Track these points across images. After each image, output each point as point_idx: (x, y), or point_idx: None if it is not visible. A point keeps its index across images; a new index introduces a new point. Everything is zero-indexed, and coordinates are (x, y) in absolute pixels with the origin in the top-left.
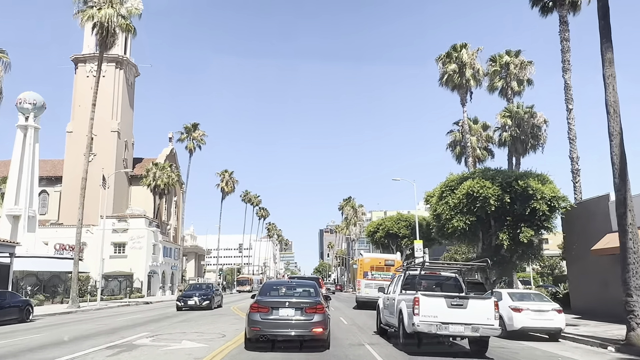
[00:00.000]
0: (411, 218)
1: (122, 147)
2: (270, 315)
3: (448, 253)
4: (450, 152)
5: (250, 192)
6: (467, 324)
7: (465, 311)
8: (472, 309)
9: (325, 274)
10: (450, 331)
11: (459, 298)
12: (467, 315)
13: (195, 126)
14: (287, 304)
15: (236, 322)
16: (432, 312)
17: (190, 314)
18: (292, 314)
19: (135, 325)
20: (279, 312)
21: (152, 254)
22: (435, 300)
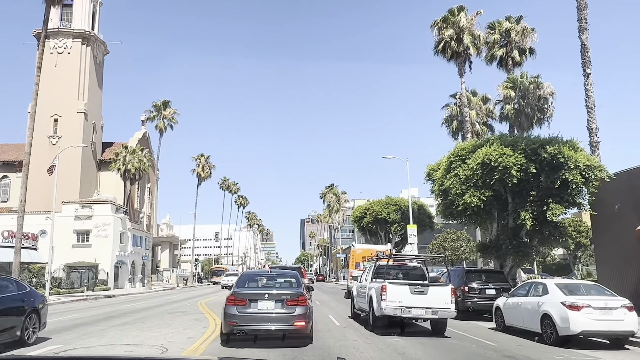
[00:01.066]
0: (401, 202)
1: (90, 130)
2: (248, 309)
3: (436, 241)
4: (445, 129)
5: (229, 179)
6: (427, 308)
7: (426, 297)
8: (432, 294)
9: (307, 263)
10: (413, 314)
11: (420, 285)
12: (427, 300)
13: (166, 104)
14: (266, 296)
15: (194, 324)
16: (397, 298)
17: (145, 312)
18: (272, 306)
19: (60, 329)
20: (257, 305)
21: (119, 243)
22: (400, 287)
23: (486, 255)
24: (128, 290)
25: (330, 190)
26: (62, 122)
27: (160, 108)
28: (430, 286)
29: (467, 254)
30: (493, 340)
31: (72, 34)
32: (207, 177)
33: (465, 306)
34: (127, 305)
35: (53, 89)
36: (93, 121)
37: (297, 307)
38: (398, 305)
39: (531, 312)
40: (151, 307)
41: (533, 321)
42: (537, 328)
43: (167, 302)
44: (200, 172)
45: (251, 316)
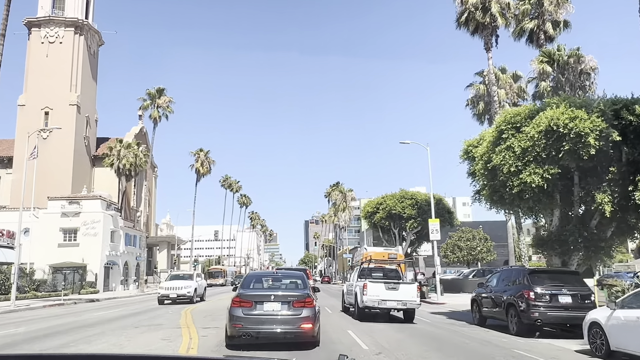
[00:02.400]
0: (418, 195)
1: (83, 123)
2: (253, 311)
3: (451, 240)
4: (470, 111)
5: (231, 177)
6: (398, 301)
7: (397, 292)
8: (402, 290)
9: (311, 265)
10: (387, 305)
11: (393, 283)
12: (398, 295)
13: (161, 91)
14: (272, 298)
15: (160, 347)
16: (375, 293)
17: (105, 326)
18: (278, 308)
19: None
20: (263, 307)
21: (110, 242)
22: (377, 285)
23: (545, 252)
24: (118, 293)
25: (336, 188)
26: (54, 115)
27: (154, 96)
28: (401, 284)
29: (484, 254)
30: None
31: (64, 22)
32: (207, 173)
33: (530, 319)
34: (95, 314)
35: (44, 80)
36: (87, 114)
37: (304, 309)
38: (376, 298)
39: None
40: (123, 316)
41: None
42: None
43: (147, 309)
44: (200, 168)
45: (257, 318)
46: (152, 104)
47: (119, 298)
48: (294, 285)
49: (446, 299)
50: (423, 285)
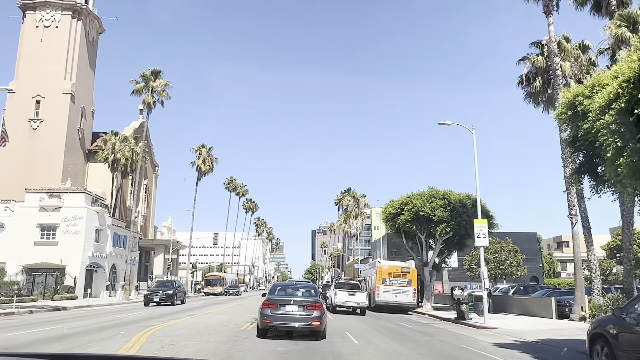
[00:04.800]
0: (451, 195)
1: (78, 114)
2: (278, 311)
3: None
4: (522, 91)
5: (236, 179)
6: (355, 302)
7: (354, 297)
8: (357, 296)
9: (318, 275)
10: (348, 305)
11: (352, 291)
12: (355, 299)
13: (156, 74)
14: (292, 302)
15: None
16: (342, 297)
17: None
18: (296, 310)
19: None
20: (285, 308)
21: (94, 242)
22: (344, 292)
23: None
24: (100, 300)
25: (348, 194)
26: (45, 103)
27: (148, 79)
28: (357, 292)
29: (513, 268)
30: None
31: (61, 5)
32: (209, 171)
33: None
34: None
35: (37, 66)
36: (82, 105)
37: (315, 310)
38: (341, 301)
39: None
40: (46, 339)
41: None
42: None
43: (103, 326)
44: (201, 165)
45: (280, 316)
46: (145, 87)
47: (94, 307)
48: (308, 294)
49: (495, 322)
50: (462, 304)
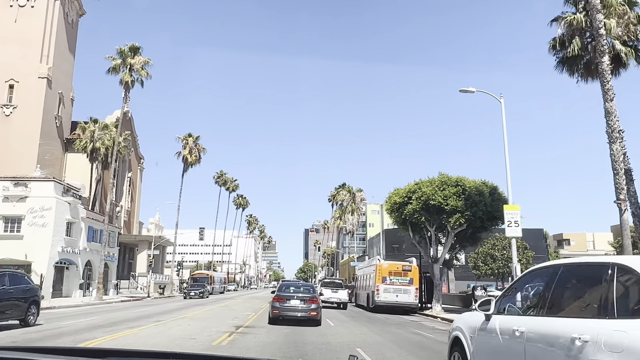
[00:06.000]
0: (465, 182)
1: (55, 101)
2: (285, 304)
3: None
4: (554, 58)
5: (226, 173)
6: (337, 298)
7: (337, 294)
8: (339, 293)
9: (311, 274)
10: (332, 301)
11: (335, 289)
12: (337, 295)
13: (135, 50)
14: (295, 297)
15: None
16: (327, 294)
17: None
18: (299, 303)
19: None
20: (290, 302)
21: (65, 236)
22: (328, 290)
23: None
24: (68, 301)
25: (343, 188)
26: (19, 88)
27: (126, 55)
28: (339, 290)
29: (522, 266)
30: None
31: None
32: (196, 162)
33: None
34: None
35: (10, 48)
36: (60, 91)
37: (313, 304)
38: (326, 298)
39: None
40: None
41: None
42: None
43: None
44: (187, 156)
45: (287, 307)
46: (123, 64)
47: (54, 309)
48: (307, 291)
49: None
50: None
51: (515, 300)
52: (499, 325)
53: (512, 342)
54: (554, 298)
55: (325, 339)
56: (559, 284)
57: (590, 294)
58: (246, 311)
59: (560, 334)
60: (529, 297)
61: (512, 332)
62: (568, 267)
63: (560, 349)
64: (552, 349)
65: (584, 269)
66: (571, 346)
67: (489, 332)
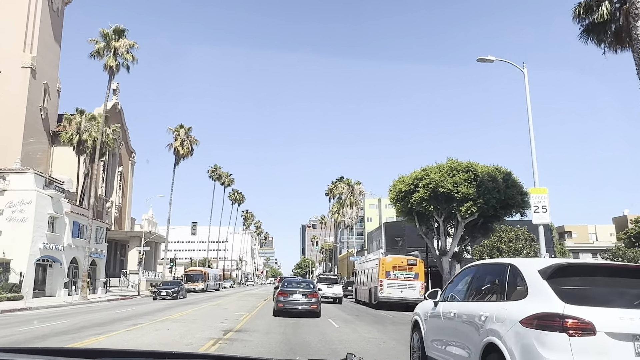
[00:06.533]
0: (477, 167)
1: (40, 91)
2: (288, 298)
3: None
4: (578, 26)
5: (221, 167)
6: (332, 293)
7: (332, 289)
8: (334, 288)
9: (308, 270)
10: (328, 296)
11: (331, 284)
12: (332, 290)
13: (120, 32)
14: (297, 292)
15: None
16: (323, 290)
17: None
18: (300, 297)
19: None
20: (292, 296)
21: (46, 232)
22: (323, 285)
23: None
24: (49, 301)
25: (341, 181)
26: (1, 77)
27: (110, 38)
28: (334, 285)
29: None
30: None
31: None
32: (188, 154)
33: None
34: None
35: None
36: (45, 81)
37: (313, 298)
38: (323, 293)
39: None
40: None
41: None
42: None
43: None
44: (179, 148)
45: (290, 301)
46: (107, 48)
47: (29, 311)
48: (308, 287)
49: None
50: None
51: (453, 290)
52: (442, 309)
53: (448, 321)
54: (472, 289)
55: (330, 346)
56: (476, 278)
57: (493, 285)
58: (239, 311)
59: (474, 313)
60: (460, 288)
61: (448, 313)
62: (482, 266)
63: (473, 324)
64: (469, 324)
65: (491, 267)
66: (478, 321)
67: (436, 315)
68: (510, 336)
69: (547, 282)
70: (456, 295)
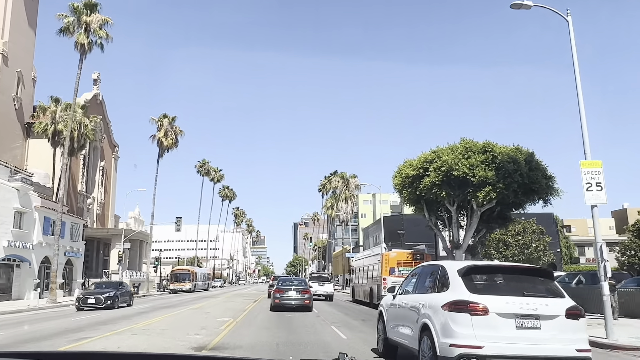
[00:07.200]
0: (495, 148)
1: (13, 80)
2: (284, 294)
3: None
4: None
5: (209, 162)
6: (324, 291)
7: (323, 287)
8: (325, 286)
9: (301, 268)
10: (319, 294)
11: (322, 282)
12: (323, 288)
13: (92, 7)
14: (292, 289)
15: None
16: (314, 288)
17: None
18: (294, 294)
19: None
20: (287, 293)
21: (12, 228)
22: (315, 283)
23: None
24: (13, 305)
25: (335, 175)
26: None
27: (80, 12)
28: (325, 283)
29: (540, 253)
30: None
31: None
32: (172, 146)
33: None
34: None
35: None
36: (18, 69)
37: (306, 294)
38: (314, 291)
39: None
40: None
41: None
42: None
43: None
44: (162, 139)
45: (285, 297)
46: (77, 23)
47: None
48: (301, 284)
49: (623, 334)
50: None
51: (407, 286)
52: (398, 301)
53: (401, 309)
54: (418, 284)
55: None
56: (421, 276)
57: (429, 281)
58: (222, 316)
59: (416, 302)
60: (411, 284)
61: (402, 304)
62: (426, 266)
63: (416, 310)
64: (414, 311)
65: (430, 267)
66: (419, 308)
67: (394, 305)
68: (436, 317)
69: (462, 279)
70: (408, 289)
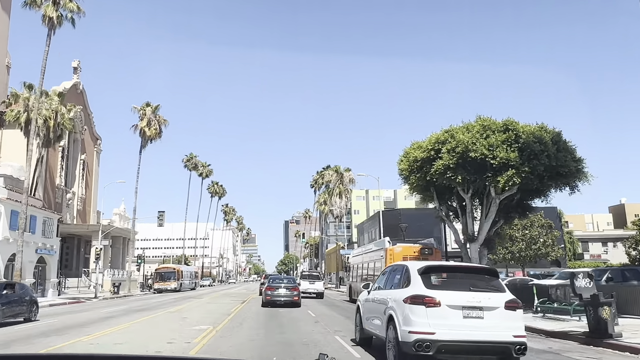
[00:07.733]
0: (517, 126)
1: None
2: (274, 292)
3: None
4: None
5: (197, 156)
6: (314, 289)
7: (314, 285)
8: (316, 284)
9: (292, 266)
10: (309, 292)
11: (312, 280)
12: (314, 286)
13: None
14: (282, 286)
15: None
16: (304, 286)
17: None
18: (285, 291)
19: None
20: (277, 291)
21: None
22: (306, 282)
23: None
24: None
25: (328, 169)
26: None
27: None
28: (315, 281)
29: (548, 248)
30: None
31: None
32: (156, 136)
33: None
34: None
35: None
36: None
37: (295, 291)
38: (304, 289)
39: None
40: None
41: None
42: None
43: None
44: (145, 129)
45: (275, 294)
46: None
47: None
48: (290, 282)
49: None
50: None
51: (380, 282)
52: (371, 296)
53: (374, 303)
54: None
55: None
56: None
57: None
58: (201, 323)
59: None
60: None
61: (374, 298)
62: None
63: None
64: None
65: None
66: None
67: (368, 300)
68: (399, 309)
69: (420, 277)
70: (380, 286)
